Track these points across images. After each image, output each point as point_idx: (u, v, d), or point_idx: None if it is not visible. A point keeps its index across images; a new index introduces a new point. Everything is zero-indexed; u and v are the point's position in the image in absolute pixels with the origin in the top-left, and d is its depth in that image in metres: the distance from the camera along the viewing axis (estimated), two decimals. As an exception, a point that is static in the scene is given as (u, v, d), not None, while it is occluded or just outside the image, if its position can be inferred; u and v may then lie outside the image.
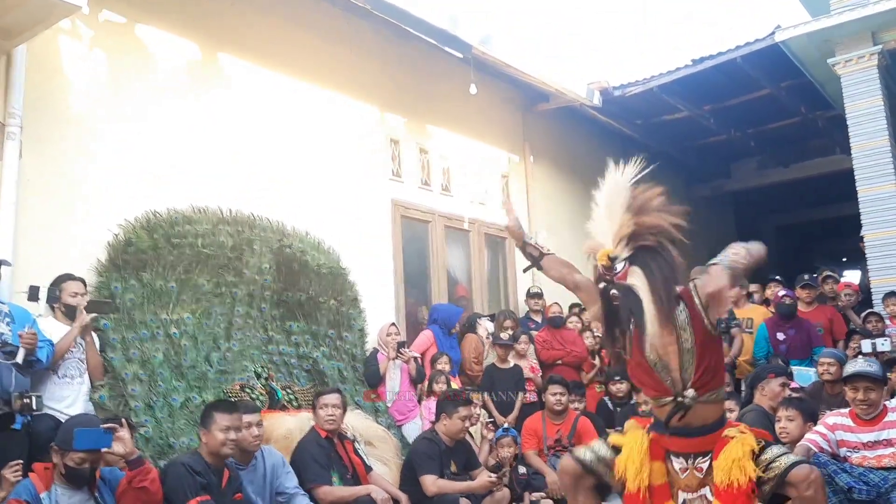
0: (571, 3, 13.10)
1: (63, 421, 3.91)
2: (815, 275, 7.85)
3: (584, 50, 12.02)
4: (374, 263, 7.12)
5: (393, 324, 6.66)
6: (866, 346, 6.09)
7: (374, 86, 7.47)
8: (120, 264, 5.10)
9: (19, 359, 3.92)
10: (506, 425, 6.35)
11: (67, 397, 4.36)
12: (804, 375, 6.28)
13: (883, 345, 6.05)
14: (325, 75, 7.00)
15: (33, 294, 4.45)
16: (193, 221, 5.60)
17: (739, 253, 2.84)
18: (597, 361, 7.55)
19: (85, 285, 4.69)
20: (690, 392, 2.79)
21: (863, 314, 7.09)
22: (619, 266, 2.81)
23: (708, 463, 2.84)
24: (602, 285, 2.88)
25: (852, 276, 10.50)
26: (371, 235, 7.18)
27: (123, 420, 3.88)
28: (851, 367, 4.25)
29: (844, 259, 14.26)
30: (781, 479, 2.71)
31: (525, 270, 3.33)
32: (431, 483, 4.79)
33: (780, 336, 6.77)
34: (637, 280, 2.76)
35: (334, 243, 6.58)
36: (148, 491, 3.58)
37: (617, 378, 6.91)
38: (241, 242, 5.82)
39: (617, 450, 3.04)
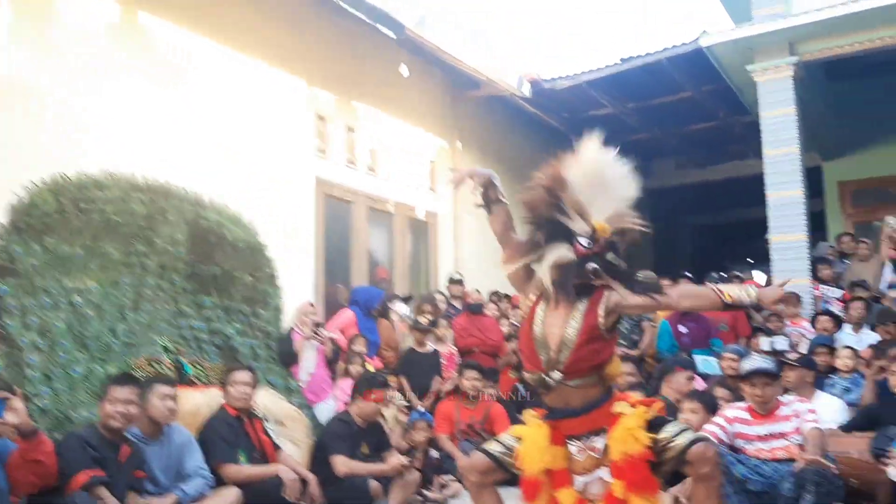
0: (507, -8, 13.14)
1: (-49, 389, 3.69)
2: (724, 274, 8.15)
3: (517, 40, 12.09)
4: (294, 241, 7.00)
5: (310, 303, 6.56)
6: (765, 343, 6.40)
7: (304, 60, 7.32)
8: (22, 227, 4.85)
9: None
10: (420, 409, 6.38)
11: (-43, 365, 4.13)
12: (707, 364, 6.59)
13: (780, 343, 6.36)
14: (252, 45, 6.80)
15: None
16: (104, 187, 5.36)
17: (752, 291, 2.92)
18: (512, 346, 7.63)
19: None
20: (556, 374, 2.89)
21: (764, 314, 7.40)
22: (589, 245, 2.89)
23: (602, 442, 2.90)
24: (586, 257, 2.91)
25: (758, 278, 10.96)
26: (292, 212, 7.05)
27: (17, 390, 3.69)
28: (748, 365, 4.42)
29: (751, 260, 14.86)
30: (680, 457, 2.78)
31: (478, 206, 3.31)
32: (342, 463, 4.76)
33: (682, 329, 7.02)
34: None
35: (253, 218, 6.42)
36: (42, 464, 3.43)
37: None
38: (154, 211, 5.61)
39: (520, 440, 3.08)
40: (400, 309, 7.19)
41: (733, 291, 2.89)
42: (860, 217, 11.06)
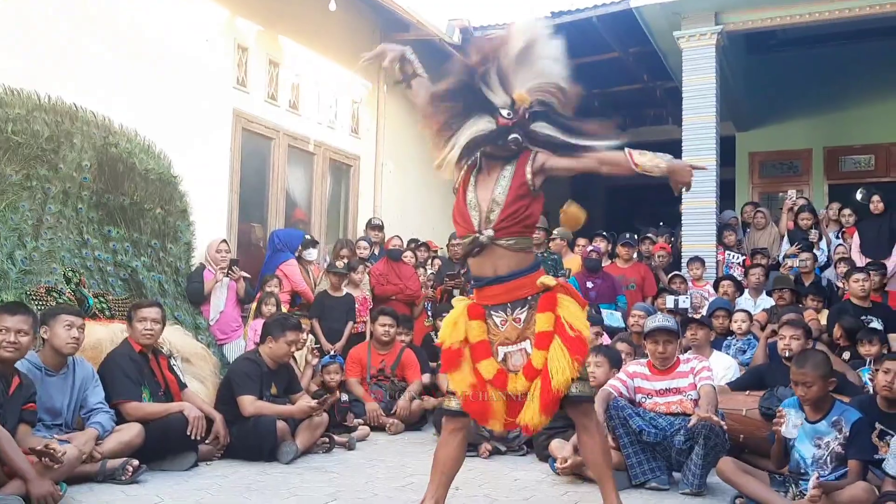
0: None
1: None
2: (635, 235, 8.40)
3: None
4: (209, 175, 6.76)
5: (224, 240, 6.40)
6: (669, 301, 6.67)
7: (227, -14, 6.98)
8: None
9: None
10: (332, 352, 6.37)
11: None
12: (612, 317, 6.88)
13: (684, 302, 6.64)
14: (172, -35, 6.43)
15: None
16: (4, 104, 5.05)
17: (662, 162, 3.04)
18: (428, 293, 7.68)
19: None
20: (489, 231, 3.01)
21: (669, 276, 7.69)
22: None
23: (526, 314, 3.01)
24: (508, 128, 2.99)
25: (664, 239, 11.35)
26: (208, 145, 6.79)
27: None
28: (651, 323, 4.61)
29: (661, 223, 15.36)
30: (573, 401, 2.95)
31: (396, 83, 3.32)
32: (249, 403, 4.72)
33: (589, 284, 7.25)
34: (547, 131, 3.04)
35: (166, 148, 6.16)
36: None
37: (445, 314, 7.08)
38: (59, 134, 5.32)
39: None
40: (308, 255, 7.09)
41: (644, 161, 3.04)
42: (766, 188, 11.57)
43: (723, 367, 5.33)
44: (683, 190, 3.05)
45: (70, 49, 5.59)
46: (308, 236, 7.21)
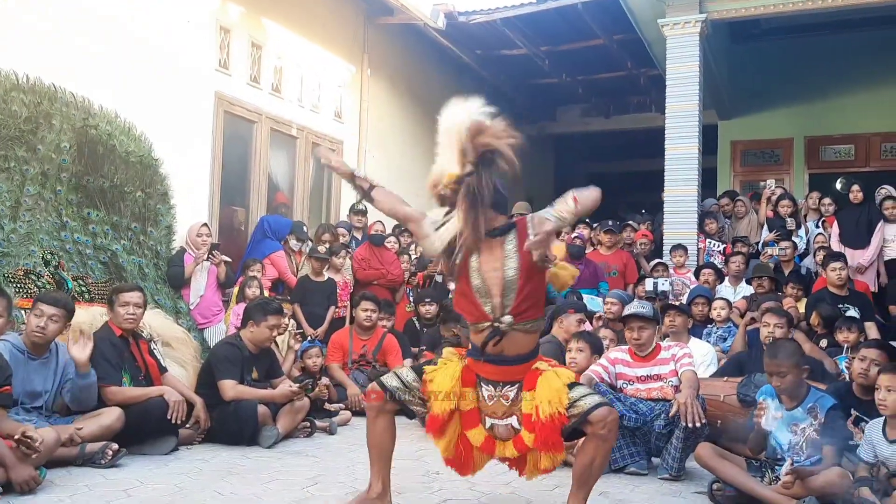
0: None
1: None
2: (618, 222, 8.43)
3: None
4: (190, 159, 6.70)
5: (204, 224, 6.36)
6: (648, 284, 6.72)
7: (209, -34, 6.89)
8: None
9: None
10: (311, 337, 6.36)
11: None
12: (593, 302, 6.92)
13: (663, 284, 6.68)
14: (153, -56, 6.33)
15: None
16: (-19, 84, 4.96)
17: (569, 206, 2.89)
18: (411, 280, 7.68)
19: None
20: (508, 318, 2.88)
21: (653, 263, 7.73)
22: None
23: (515, 392, 2.96)
24: (447, 209, 2.90)
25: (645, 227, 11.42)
26: (189, 128, 6.73)
27: None
28: (627, 309, 4.64)
29: (644, 211, 15.44)
30: (584, 417, 2.87)
31: (357, 203, 3.27)
32: (230, 388, 4.70)
33: (573, 270, 7.28)
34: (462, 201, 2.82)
35: (147, 130, 6.09)
36: None
37: (427, 300, 7.11)
38: (37, 115, 5.25)
39: (420, 372, 3.10)
40: (294, 245, 7.09)
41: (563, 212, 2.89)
42: (747, 176, 11.66)
43: (700, 353, 5.38)
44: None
45: (49, 29, 5.50)
46: (305, 227, 7.22)
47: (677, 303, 6.31)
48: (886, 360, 3.88)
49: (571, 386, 2.94)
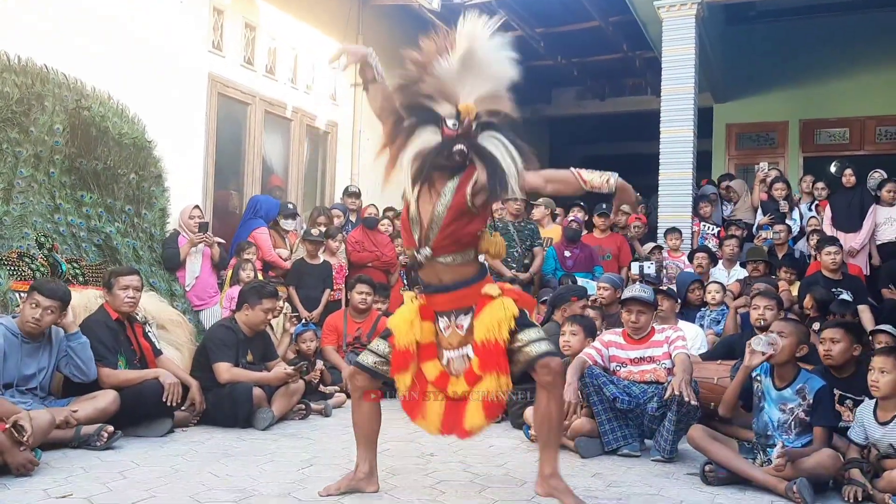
0: None
1: None
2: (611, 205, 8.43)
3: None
4: (184, 141, 6.67)
5: (196, 206, 6.33)
6: (634, 268, 6.75)
7: (201, -55, 6.81)
8: None
9: None
10: (305, 320, 6.36)
11: None
12: (588, 286, 6.87)
13: (649, 268, 6.71)
14: (145, -78, 6.26)
15: None
16: (-29, 65, 4.92)
17: (611, 179, 3.00)
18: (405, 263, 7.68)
19: None
20: (426, 250, 2.98)
21: (648, 246, 7.75)
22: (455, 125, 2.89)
23: (468, 321, 3.01)
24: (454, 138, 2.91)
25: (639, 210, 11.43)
26: (183, 110, 6.69)
27: None
28: (627, 293, 4.66)
29: (638, 194, 15.43)
30: (531, 364, 2.92)
31: (354, 85, 3.31)
32: (225, 370, 4.72)
33: (567, 254, 7.32)
34: (493, 146, 2.91)
35: (140, 112, 6.05)
36: None
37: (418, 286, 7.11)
38: (29, 96, 5.21)
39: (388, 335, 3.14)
40: (286, 225, 7.05)
41: (594, 178, 3.00)
42: (742, 160, 11.67)
43: (689, 336, 5.40)
44: (623, 209, 3.04)
45: (41, 9, 5.44)
46: (291, 205, 7.17)
47: (665, 288, 6.34)
48: (847, 338, 4.01)
49: (524, 325, 2.96)
